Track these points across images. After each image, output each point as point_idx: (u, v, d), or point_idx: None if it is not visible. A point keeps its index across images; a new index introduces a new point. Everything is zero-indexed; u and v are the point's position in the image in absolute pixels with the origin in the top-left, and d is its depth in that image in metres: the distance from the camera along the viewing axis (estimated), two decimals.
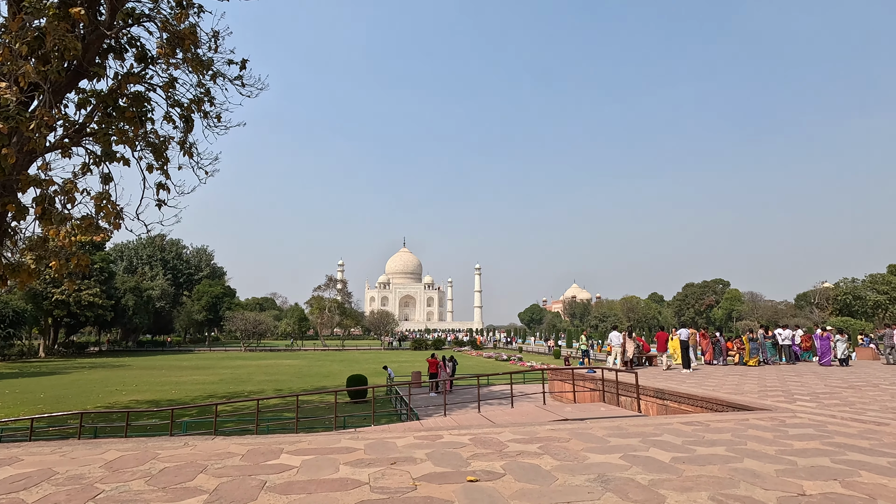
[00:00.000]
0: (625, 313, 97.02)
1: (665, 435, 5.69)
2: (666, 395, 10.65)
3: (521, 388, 19.16)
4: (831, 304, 75.92)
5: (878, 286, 72.68)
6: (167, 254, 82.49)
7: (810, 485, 3.79)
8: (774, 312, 76.86)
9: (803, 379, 12.65)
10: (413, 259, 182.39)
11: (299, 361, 47.43)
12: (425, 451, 4.89)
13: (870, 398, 9.05)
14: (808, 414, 7.26)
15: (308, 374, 34.97)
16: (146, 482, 3.75)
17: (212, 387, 27.27)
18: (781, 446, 5.11)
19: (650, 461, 4.50)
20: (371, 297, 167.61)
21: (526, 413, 11.35)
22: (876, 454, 4.79)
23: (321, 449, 4.94)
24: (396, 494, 3.51)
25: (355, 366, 39.29)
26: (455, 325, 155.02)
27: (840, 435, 5.72)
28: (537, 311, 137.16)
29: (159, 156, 11.55)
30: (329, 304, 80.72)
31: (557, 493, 3.56)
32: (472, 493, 3.56)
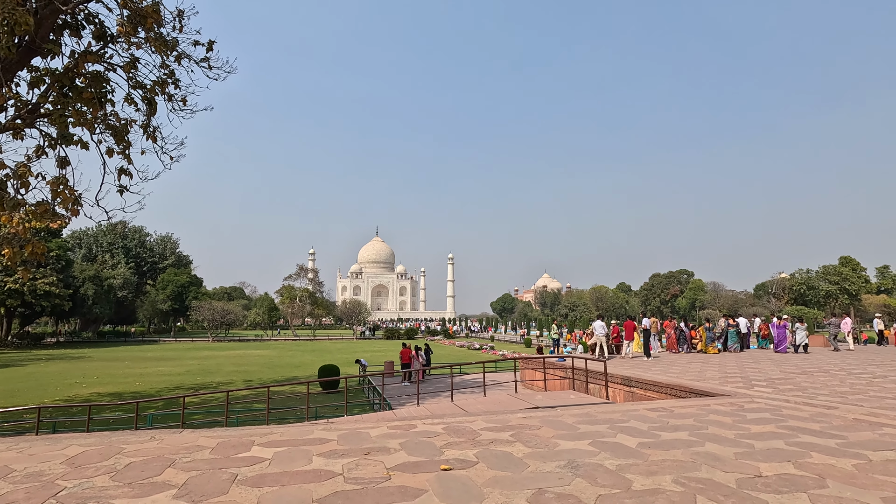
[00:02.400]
0: (594, 302, 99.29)
1: (632, 421, 5.88)
2: (633, 382, 10.99)
3: (493, 377, 19.42)
4: (787, 293, 79.58)
5: (829, 277, 76.55)
6: (129, 241, 79.55)
7: (766, 466, 3.99)
8: (735, 301, 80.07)
9: (760, 366, 13.25)
10: (386, 248, 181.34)
11: (269, 352, 46.73)
12: (399, 440, 4.91)
13: (821, 383, 9.56)
14: (765, 399, 7.62)
15: (279, 364, 34.52)
16: (111, 478, 3.65)
17: (178, 378, 26.60)
18: (740, 430, 5.36)
19: (618, 447, 4.65)
20: (343, 286, 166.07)
21: (498, 401, 11.52)
22: (826, 436, 5.08)
23: (293, 440, 4.90)
24: (370, 485, 3.52)
25: (327, 356, 38.99)
26: (428, 314, 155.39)
27: (793, 419, 6.03)
28: (509, 301, 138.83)
29: (120, 139, 11.07)
30: (300, 294, 79.64)
31: (529, 480, 3.65)
32: (446, 482, 3.60)
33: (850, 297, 74.72)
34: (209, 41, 11.56)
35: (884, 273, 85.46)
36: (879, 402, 7.26)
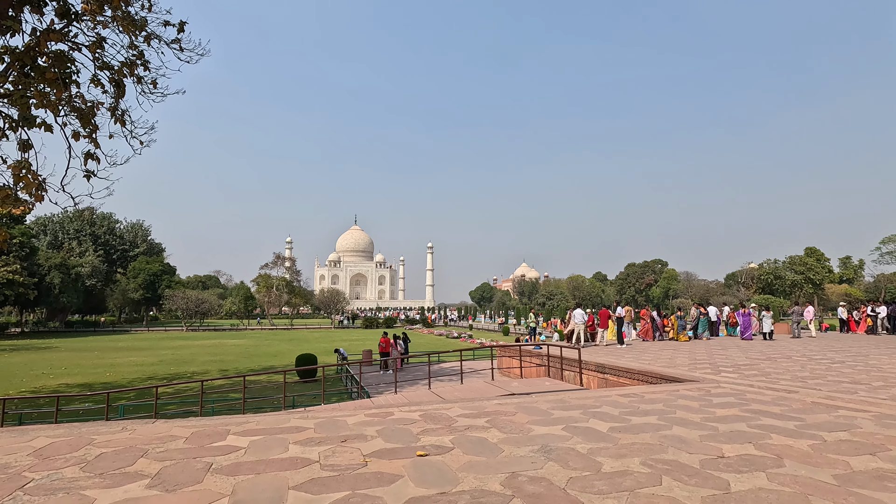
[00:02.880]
0: (571, 291, 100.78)
1: (604, 406, 6.04)
2: (606, 369, 11.26)
3: (470, 365, 19.63)
4: (756, 283, 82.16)
5: (795, 267, 79.29)
6: (98, 228, 77.01)
7: (729, 448, 4.18)
8: (706, 291, 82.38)
9: (728, 352, 13.72)
10: (364, 237, 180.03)
11: (246, 341, 46.15)
12: (376, 428, 4.95)
13: (783, 369, 9.97)
14: (731, 384, 7.92)
15: (255, 353, 34.15)
16: (81, 469, 3.59)
17: (151, 368, 26.09)
18: (706, 414, 5.57)
19: (590, 431, 4.79)
20: (321, 275, 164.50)
21: (475, 389, 11.67)
22: (785, 419, 5.32)
23: (270, 429, 4.89)
24: (347, 471, 3.56)
25: (305, 345, 38.73)
26: (407, 303, 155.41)
27: (756, 402, 6.29)
28: (488, 290, 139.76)
29: (87, 122, 10.67)
30: (277, 283, 78.60)
31: (503, 464, 3.73)
32: (422, 467, 3.66)
33: (814, 287, 77.62)
34: (180, 22, 11.19)
35: (846, 263, 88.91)
36: (836, 387, 7.63)
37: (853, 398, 6.59)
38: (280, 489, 3.20)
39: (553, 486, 3.27)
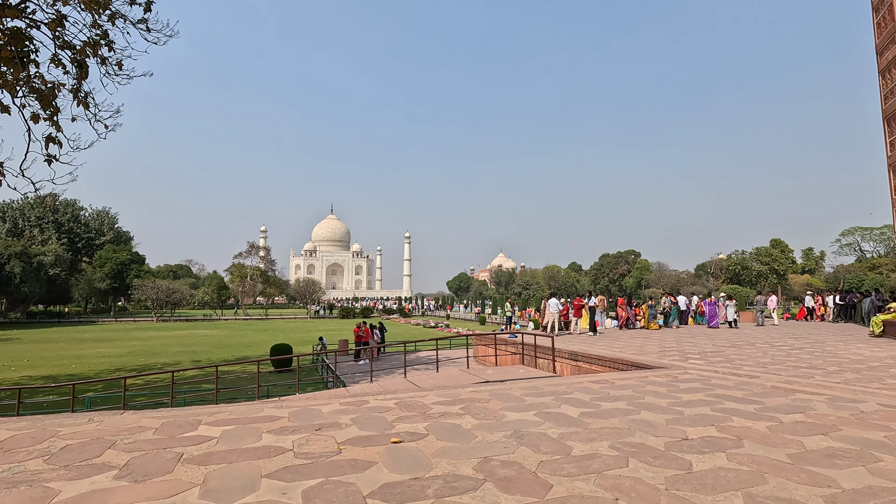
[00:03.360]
0: (546, 281, 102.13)
1: (576, 393, 6.19)
2: (579, 356, 11.51)
3: (446, 354, 19.76)
4: (724, 273, 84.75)
5: (761, 258, 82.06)
6: (61, 216, 74.03)
7: (692, 430, 4.34)
8: (677, 281, 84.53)
9: (696, 340, 14.18)
10: (341, 226, 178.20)
11: (219, 331, 45.34)
12: (351, 416, 4.96)
13: (747, 355, 10.36)
14: (697, 370, 8.20)
15: (229, 344, 33.61)
16: (45, 461, 3.50)
17: (120, 360, 25.41)
18: (673, 399, 5.77)
19: (561, 417, 4.90)
20: (296, 264, 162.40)
21: (450, 377, 11.77)
22: (746, 402, 5.55)
23: (243, 419, 4.85)
24: (321, 459, 3.57)
25: (280, 335, 38.31)
26: (384, 293, 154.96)
27: (720, 387, 6.54)
28: (465, 280, 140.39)
29: (47, 104, 10.22)
30: (251, 272, 77.26)
31: (476, 450, 3.80)
32: (396, 454, 3.70)
33: (778, 277, 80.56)
34: (147, 0, 10.77)
35: (808, 255, 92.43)
36: (794, 371, 7.98)
37: (809, 382, 6.91)
38: (253, 477, 3.19)
39: (524, 469, 3.35)
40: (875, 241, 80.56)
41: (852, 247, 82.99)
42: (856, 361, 9.17)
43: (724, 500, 2.84)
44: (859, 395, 5.93)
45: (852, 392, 6.16)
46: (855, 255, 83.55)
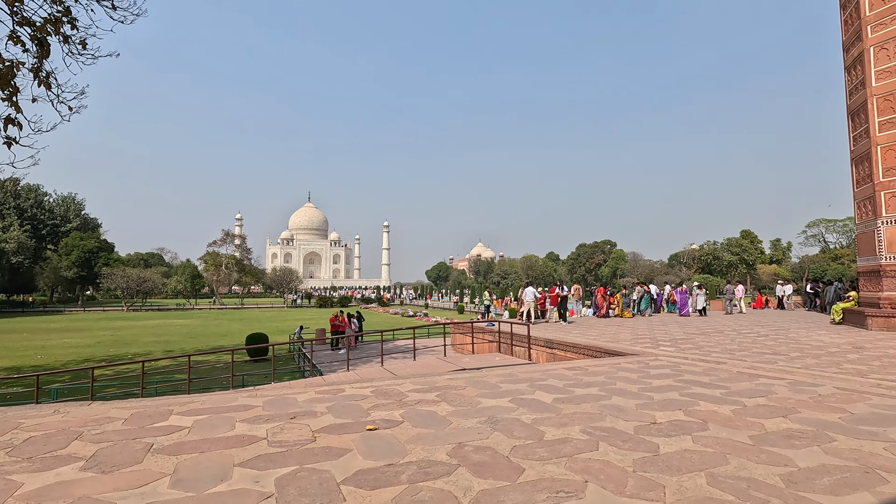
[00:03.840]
0: (524, 271, 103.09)
1: (550, 379, 6.30)
2: (554, 344, 11.69)
3: (424, 343, 19.83)
4: (696, 263, 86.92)
5: (732, 248, 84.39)
6: (23, 201, 70.99)
7: (661, 415, 4.48)
8: (651, 270, 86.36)
9: (667, 328, 14.56)
10: (318, 215, 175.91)
11: (193, 321, 44.45)
12: (326, 404, 4.95)
13: (715, 342, 10.70)
14: (667, 357, 8.43)
15: (203, 333, 33.00)
16: (7, 453, 3.40)
17: (88, 350, 24.71)
18: (643, 385, 5.92)
19: (535, 403, 4.99)
20: (273, 253, 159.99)
21: (427, 365, 11.83)
22: (713, 387, 5.75)
23: (216, 408, 4.79)
24: (295, 447, 3.56)
25: (256, 324, 37.82)
26: (362, 282, 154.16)
27: (689, 373, 6.75)
28: (444, 269, 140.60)
29: (5, 84, 9.73)
30: (226, 261, 75.79)
31: (451, 436, 3.85)
32: (371, 441, 3.71)
33: (747, 267, 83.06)
34: None
35: (776, 245, 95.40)
36: (759, 357, 8.28)
37: (772, 367, 7.18)
38: (225, 466, 3.16)
39: (497, 454, 3.41)
40: (838, 232, 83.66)
41: (817, 238, 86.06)
42: (816, 347, 9.56)
43: (688, 480, 2.94)
44: (818, 380, 6.19)
45: (812, 377, 6.43)
46: (819, 246, 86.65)
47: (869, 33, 13.14)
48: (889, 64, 12.70)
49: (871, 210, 13.25)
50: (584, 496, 2.72)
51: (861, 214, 14.08)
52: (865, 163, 13.46)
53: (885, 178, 12.76)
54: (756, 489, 2.80)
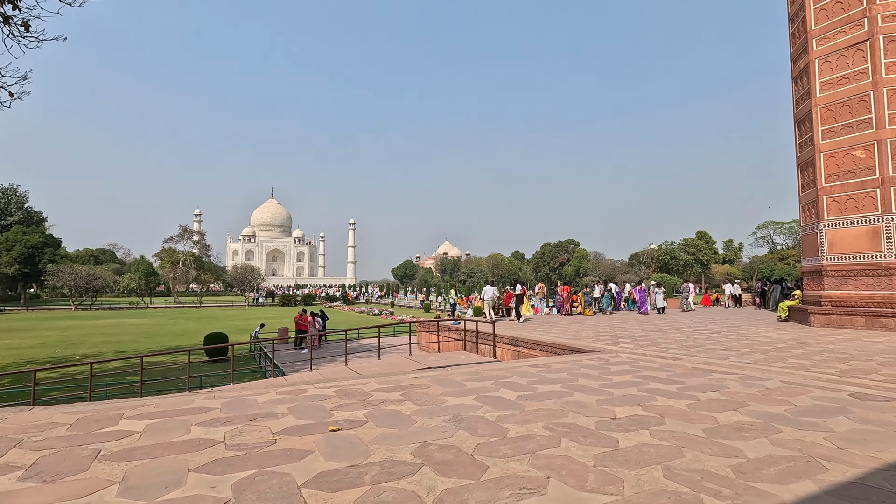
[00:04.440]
0: (490, 269, 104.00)
1: (514, 377, 6.37)
2: (519, 342, 11.84)
3: (390, 341, 19.70)
4: (654, 262, 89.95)
5: (688, 248, 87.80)
6: None
7: (620, 410, 4.60)
8: (613, 269, 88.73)
9: (627, 325, 15.00)
10: (282, 211, 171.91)
11: (147, 320, 42.60)
12: (288, 405, 4.84)
13: (671, 339, 11.10)
14: (627, 354, 8.68)
15: (158, 333, 31.68)
16: None
17: (31, 351, 23.28)
18: (604, 381, 6.07)
19: (499, 400, 5.03)
20: (234, 250, 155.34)
21: (393, 364, 11.76)
22: (670, 383, 5.95)
23: (170, 411, 4.60)
24: (254, 450, 3.45)
25: (215, 323, 36.63)
26: (327, 280, 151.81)
27: (647, 369, 6.97)
28: (410, 267, 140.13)
29: None
30: (183, 258, 73.03)
31: (415, 435, 3.83)
32: (334, 441, 3.65)
33: (702, 267, 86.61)
34: None
35: (728, 246, 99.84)
36: (713, 353, 8.64)
37: (725, 363, 7.51)
38: (179, 472, 3.03)
39: (462, 452, 3.41)
40: (785, 234, 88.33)
41: (766, 239, 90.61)
42: (765, 344, 10.06)
43: (645, 473, 3.03)
44: (766, 374, 6.52)
45: (760, 371, 6.75)
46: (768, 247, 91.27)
47: (814, 46, 13.91)
48: (832, 76, 13.49)
49: (815, 213, 14.05)
50: (545, 492, 2.76)
51: (805, 217, 14.90)
52: (810, 169, 14.25)
53: (828, 184, 13.55)
54: (709, 480, 2.91)
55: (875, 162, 12.57)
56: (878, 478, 2.95)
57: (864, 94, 12.78)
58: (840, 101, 13.28)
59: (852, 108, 13.02)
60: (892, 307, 12.17)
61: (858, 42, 12.94)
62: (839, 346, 9.53)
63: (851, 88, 13.05)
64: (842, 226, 13.26)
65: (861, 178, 12.86)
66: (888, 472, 3.03)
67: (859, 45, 12.93)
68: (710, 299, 28.22)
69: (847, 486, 2.83)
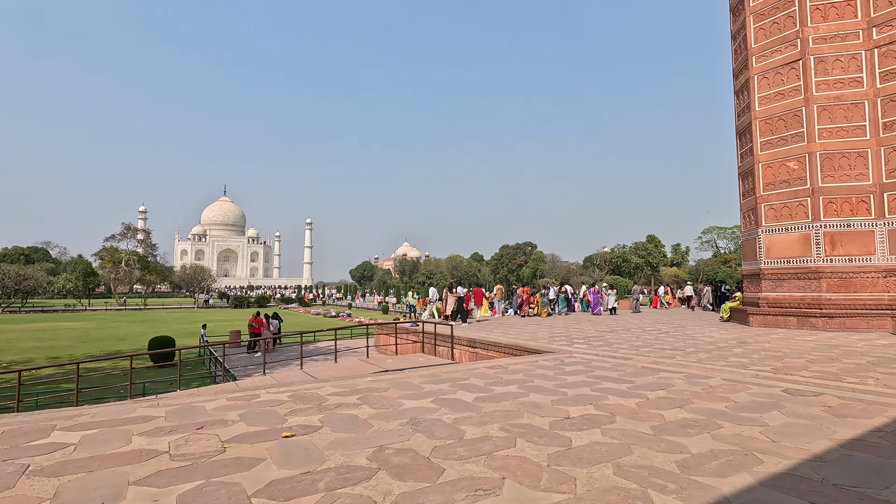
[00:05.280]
0: (450, 271, 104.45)
1: (472, 378, 6.42)
2: (477, 343, 11.94)
3: (347, 344, 19.41)
4: (607, 264, 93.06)
5: (638, 251, 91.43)
6: None
7: (574, 410, 4.72)
8: (568, 271, 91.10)
9: (581, 326, 15.42)
10: (235, 210, 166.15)
11: (86, 323, 40.04)
12: (239, 412, 4.67)
13: (623, 339, 11.50)
14: (581, 354, 8.93)
15: (97, 337, 29.85)
16: None
17: None
18: (559, 381, 6.21)
19: (457, 402, 5.05)
20: (183, 249, 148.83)
21: (349, 367, 11.59)
22: (621, 382, 6.16)
23: (109, 421, 4.34)
24: (201, 460, 3.31)
25: (162, 326, 34.93)
26: (283, 281, 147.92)
27: (599, 369, 7.19)
28: (369, 269, 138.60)
29: None
30: (126, 257, 69.20)
31: (371, 439, 3.78)
32: (287, 448, 3.55)
33: (652, 269, 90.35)
34: None
35: (676, 249, 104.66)
36: (661, 353, 9.02)
37: (672, 362, 7.86)
38: (118, 486, 2.86)
39: (418, 455, 3.40)
40: (727, 238, 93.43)
41: (710, 243, 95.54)
42: (708, 343, 10.60)
43: (597, 471, 3.12)
44: (709, 372, 6.86)
45: (704, 370, 7.11)
46: (712, 251, 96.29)
47: (754, 63, 14.82)
48: (769, 91, 14.41)
49: (754, 220, 14.94)
50: (501, 492, 2.79)
51: (746, 223, 15.83)
52: (750, 178, 15.15)
53: (766, 192, 14.45)
54: (656, 476, 3.03)
55: (807, 173, 13.52)
56: (807, 468, 3.17)
57: (798, 110, 13.73)
58: (776, 115, 14.20)
59: (787, 122, 13.96)
60: (820, 308, 13.11)
61: (793, 61, 13.89)
62: (774, 344, 10.16)
63: (787, 104, 13.98)
64: (777, 232, 14.18)
65: (794, 187, 13.79)
66: (815, 463, 3.26)
67: (793, 64, 13.88)
68: (657, 301, 29.47)
69: (779, 477, 3.02)
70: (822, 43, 13.53)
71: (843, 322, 12.74)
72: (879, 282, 12.80)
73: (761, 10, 14.74)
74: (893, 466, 3.19)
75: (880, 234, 12.85)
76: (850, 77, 13.26)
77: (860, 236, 13.02)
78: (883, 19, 12.96)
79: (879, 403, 4.93)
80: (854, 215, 13.07)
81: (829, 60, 13.43)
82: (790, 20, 14.03)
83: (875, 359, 8.03)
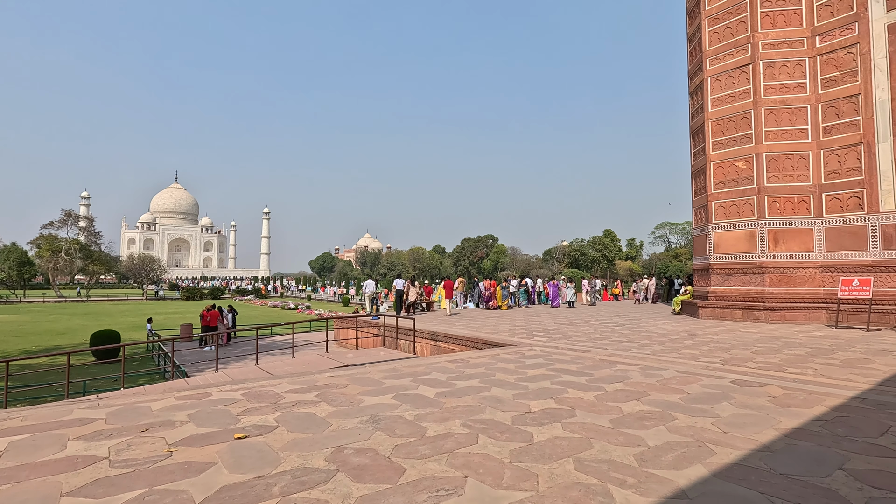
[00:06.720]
0: (411, 263, 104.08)
1: (433, 373, 6.36)
2: (439, 337, 11.91)
3: (306, 337, 18.96)
4: (566, 258, 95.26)
5: (596, 245, 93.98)
6: None
7: (535, 404, 4.75)
8: (528, 264, 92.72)
9: (541, 319, 15.68)
10: (187, 197, 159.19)
11: (20, 316, 37.39)
12: (188, 412, 4.43)
13: (581, 332, 11.76)
14: (541, 347, 9.04)
15: (33, 332, 27.92)
16: None
17: None
18: (520, 375, 6.25)
19: (418, 398, 4.98)
20: (130, 238, 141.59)
21: (307, 362, 11.32)
22: (580, 375, 6.27)
23: (42, 424, 4.01)
24: (145, 465, 3.10)
25: (106, 319, 33.10)
26: (238, 272, 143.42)
27: (559, 362, 7.29)
28: (329, 260, 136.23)
29: None
30: (67, 245, 65.08)
31: (330, 439, 3.66)
32: (240, 451, 3.38)
33: (608, 263, 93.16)
34: None
35: (631, 244, 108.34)
36: (617, 346, 9.26)
37: (628, 354, 8.08)
38: (49, 497, 2.63)
39: (379, 455, 3.31)
40: (679, 234, 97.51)
41: (663, 238, 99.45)
42: (661, 336, 10.99)
43: (558, 467, 3.13)
44: (663, 364, 7.09)
45: (658, 362, 7.34)
46: (664, 246, 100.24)
47: (707, 65, 15.37)
48: (722, 93, 15.00)
49: (705, 217, 15.58)
50: (463, 492, 2.74)
51: (697, 220, 16.49)
52: (702, 176, 15.77)
53: (716, 191, 15.08)
54: (615, 470, 3.07)
55: (753, 173, 14.19)
56: (756, 458, 3.29)
57: (747, 112, 14.36)
58: (727, 116, 14.81)
59: (737, 123, 14.58)
60: (763, 301, 13.85)
61: (743, 65, 14.50)
62: (722, 336, 10.65)
63: (737, 106, 14.59)
64: (726, 229, 14.84)
65: (742, 186, 14.46)
66: (763, 453, 3.39)
67: (744, 68, 14.49)
68: (607, 295, 30.42)
69: (731, 468, 3.12)
70: (770, 49, 14.17)
71: (783, 315, 13.50)
72: (816, 277, 13.63)
73: (716, 14, 15.28)
74: (833, 455, 3.36)
75: (818, 232, 13.67)
76: (795, 82, 13.97)
77: (800, 234, 13.81)
78: (825, 28, 13.70)
79: (818, 393, 5.22)
80: (795, 214, 13.84)
81: (777, 66, 14.10)
82: (742, 25, 14.62)
83: (812, 350, 8.54)
